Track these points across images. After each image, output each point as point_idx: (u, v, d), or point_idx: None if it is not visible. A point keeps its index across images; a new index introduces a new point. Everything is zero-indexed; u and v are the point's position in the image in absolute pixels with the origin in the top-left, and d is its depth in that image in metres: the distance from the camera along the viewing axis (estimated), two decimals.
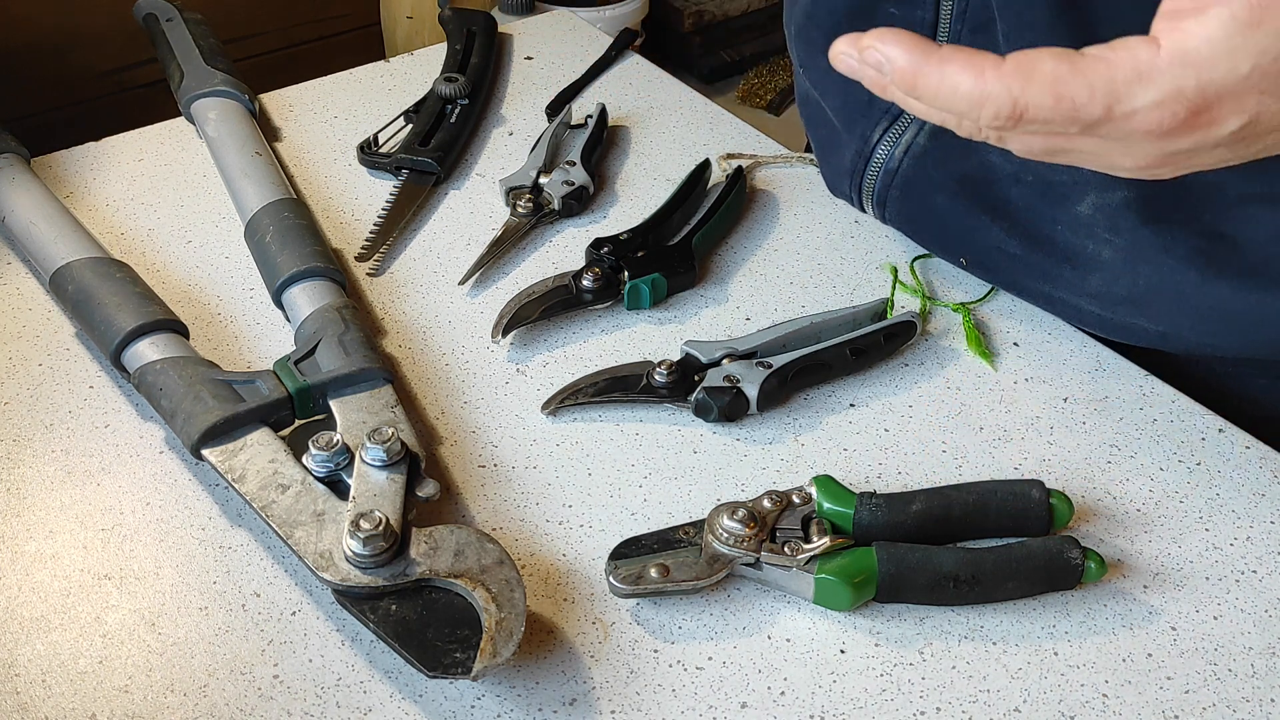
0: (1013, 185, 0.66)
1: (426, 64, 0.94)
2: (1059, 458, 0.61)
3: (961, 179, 0.67)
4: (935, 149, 0.68)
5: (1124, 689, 0.51)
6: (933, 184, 0.69)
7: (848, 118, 0.72)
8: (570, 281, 0.69)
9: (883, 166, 0.70)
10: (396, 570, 0.50)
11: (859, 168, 0.71)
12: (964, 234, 0.69)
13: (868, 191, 0.72)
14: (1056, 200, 0.64)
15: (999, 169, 0.66)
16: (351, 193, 0.80)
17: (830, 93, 0.73)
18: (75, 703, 0.49)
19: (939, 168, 0.68)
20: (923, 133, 0.68)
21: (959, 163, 0.67)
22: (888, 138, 0.69)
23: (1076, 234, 0.64)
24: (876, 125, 0.70)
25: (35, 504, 0.58)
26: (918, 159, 0.69)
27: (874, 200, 0.72)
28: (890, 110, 0.68)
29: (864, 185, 0.72)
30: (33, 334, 0.67)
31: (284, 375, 0.59)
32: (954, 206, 0.68)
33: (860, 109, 0.70)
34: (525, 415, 0.63)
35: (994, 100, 0.40)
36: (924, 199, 0.70)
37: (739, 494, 0.59)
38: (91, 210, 0.77)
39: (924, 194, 0.69)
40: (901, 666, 0.51)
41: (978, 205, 0.67)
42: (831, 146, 0.75)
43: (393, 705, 0.49)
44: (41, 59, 1.14)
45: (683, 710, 0.49)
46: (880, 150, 0.70)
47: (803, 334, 0.66)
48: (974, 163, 0.66)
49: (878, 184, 0.71)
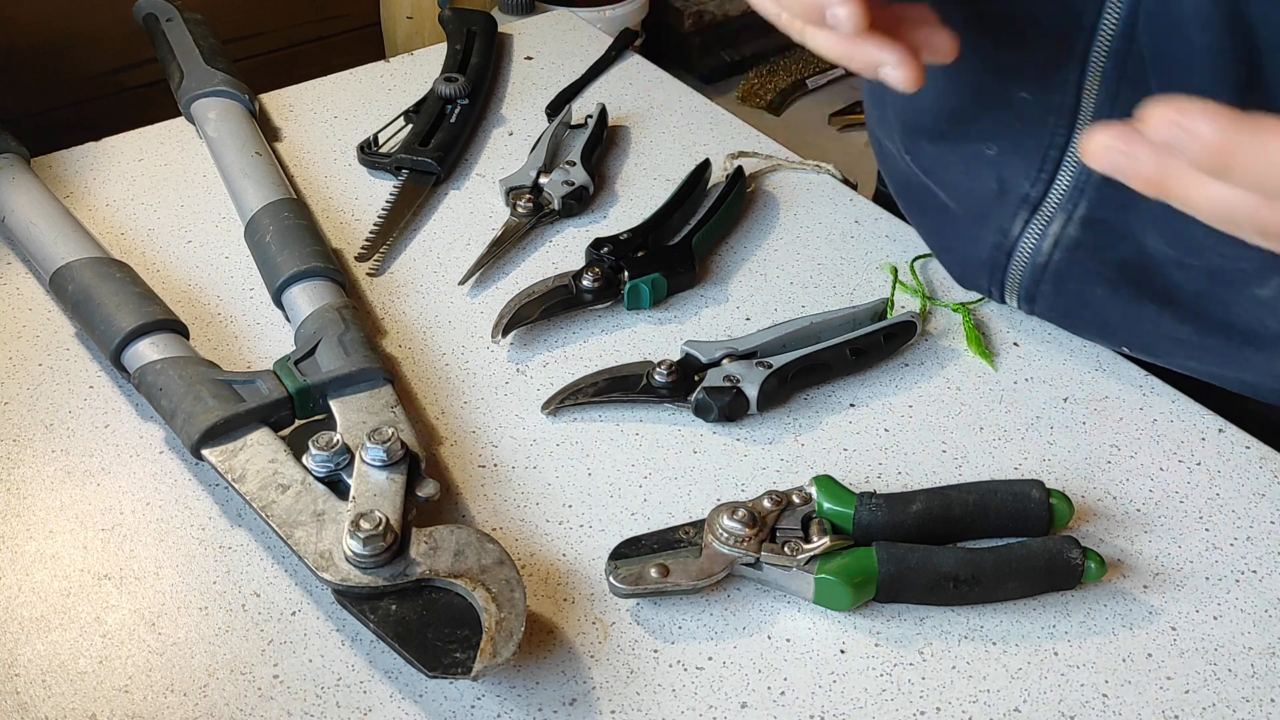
0: (1176, 270, 0.61)
1: (426, 64, 0.94)
2: (1059, 458, 0.61)
3: (1121, 267, 0.62)
4: (1090, 239, 0.62)
5: (1124, 689, 0.51)
6: (1090, 275, 0.63)
7: (977, 209, 0.67)
8: (570, 281, 0.69)
9: (1030, 261, 0.65)
10: (396, 570, 0.50)
11: (1000, 261, 0.66)
12: (1128, 323, 0.64)
13: (1011, 286, 0.67)
14: (1229, 284, 0.59)
15: (1160, 255, 0.60)
16: (351, 193, 0.80)
17: (946, 181, 0.68)
18: (75, 703, 0.49)
19: (1095, 258, 0.62)
20: (1073, 222, 0.62)
21: (1116, 250, 0.62)
22: (1032, 229, 0.64)
23: (1256, 316, 0.59)
24: (1015, 216, 0.64)
25: (35, 504, 0.58)
26: (1071, 251, 0.63)
27: (1020, 294, 0.67)
28: (1029, 199, 0.63)
29: (1007, 280, 0.67)
30: (33, 334, 0.67)
31: (284, 375, 0.59)
32: (1115, 296, 0.63)
33: (990, 199, 0.65)
34: (525, 415, 0.63)
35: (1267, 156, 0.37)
36: (1080, 291, 0.64)
37: (739, 494, 0.59)
38: (91, 210, 0.77)
39: (1080, 286, 0.64)
40: (901, 666, 0.51)
41: (1142, 293, 0.62)
42: (955, 236, 0.70)
43: (393, 705, 0.49)
44: (41, 59, 1.14)
45: (683, 710, 0.49)
46: (1025, 243, 0.64)
47: (803, 334, 0.66)
48: (1131, 249, 0.61)
49: (1025, 278, 0.66)
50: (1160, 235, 0.60)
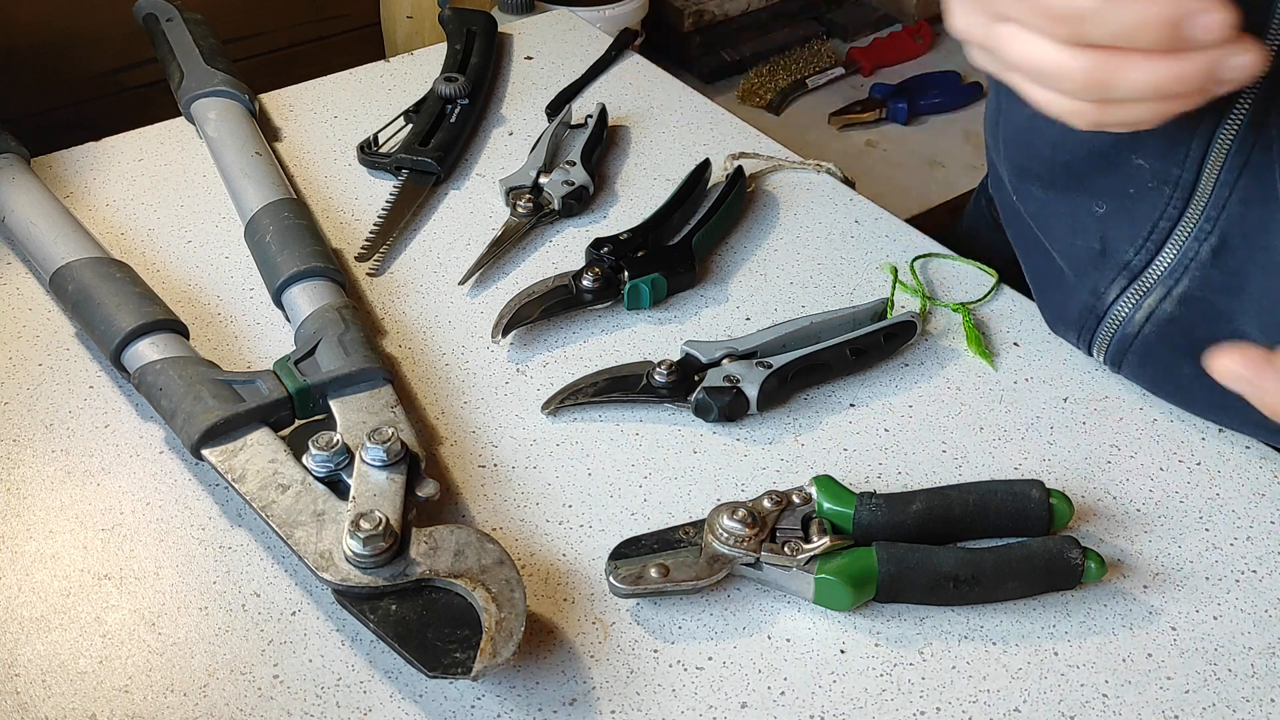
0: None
1: (426, 64, 0.94)
2: (1059, 458, 0.61)
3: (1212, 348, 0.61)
4: (1184, 316, 0.61)
5: (1124, 689, 0.51)
6: (1178, 352, 0.62)
7: (1076, 264, 0.65)
8: (570, 281, 0.69)
9: (1120, 328, 0.63)
10: (396, 570, 0.50)
11: (1089, 323, 0.65)
12: (1215, 402, 0.62)
13: (1100, 346, 0.66)
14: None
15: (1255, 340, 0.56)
16: (351, 193, 0.80)
17: (1051, 229, 0.67)
18: (75, 703, 0.49)
19: (1185, 335, 0.61)
20: (1169, 299, 0.61)
21: (1209, 330, 0.60)
22: (1126, 298, 0.62)
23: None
24: (1112, 281, 0.63)
25: (35, 504, 0.58)
26: (1162, 325, 0.62)
27: (1106, 355, 0.66)
28: (1130, 266, 0.62)
29: (1095, 340, 0.66)
30: (33, 334, 0.67)
31: (284, 375, 0.59)
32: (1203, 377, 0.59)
33: (1091, 258, 0.64)
34: (525, 415, 0.63)
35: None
36: (1167, 366, 0.63)
37: (739, 494, 0.59)
38: (91, 210, 0.77)
39: (1169, 362, 0.63)
40: (901, 666, 0.51)
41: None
42: (1052, 284, 0.68)
43: (393, 705, 0.49)
44: (41, 59, 1.14)
45: (683, 710, 0.49)
46: (1117, 310, 0.63)
47: (803, 334, 0.66)
48: (1226, 332, 0.59)
49: (1111, 344, 0.64)
50: (1257, 323, 0.59)
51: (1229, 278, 0.59)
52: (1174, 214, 0.59)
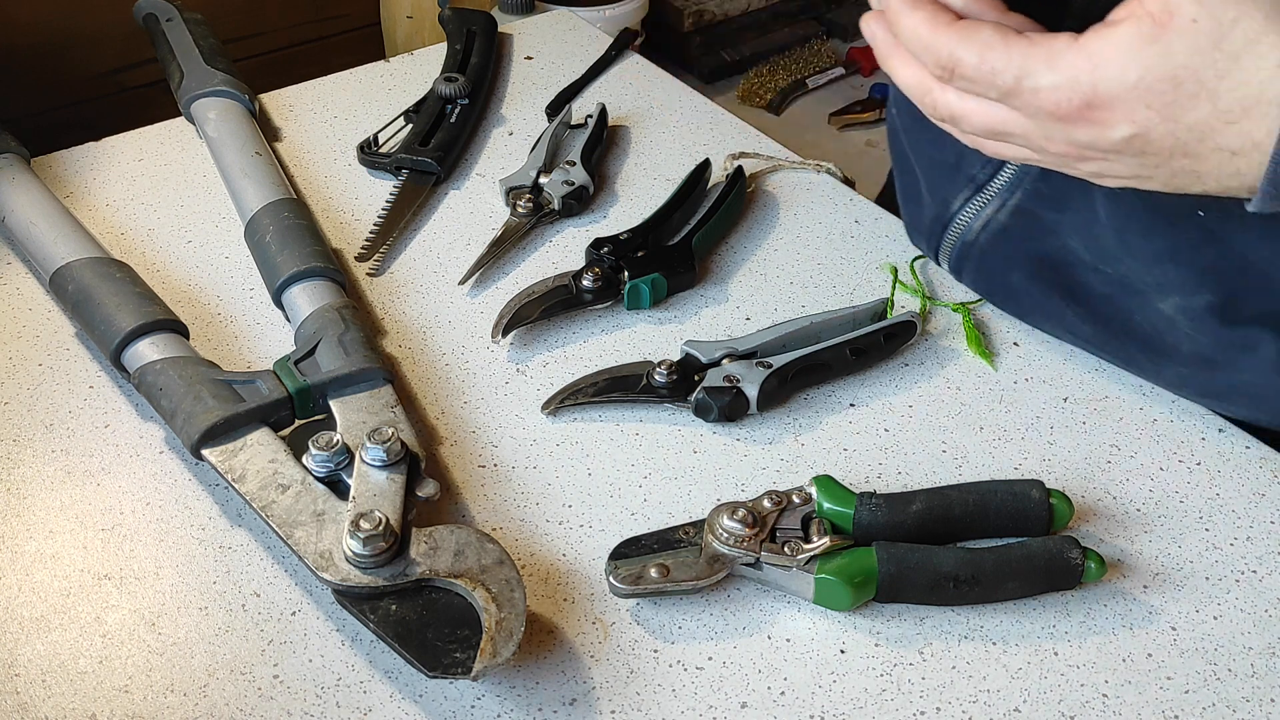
0: (1091, 273, 0.64)
1: (426, 64, 0.94)
2: (1059, 458, 0.61)
3: (1039, 260, 0.65)
4: (1016, 226, 0.66)
5: (1124, 689, 0.51)
6: (1009, 261, 0.67)
7: (931, 175, 0.70)
8: (570, 281, 0.69)
9: (961, 236, 0.68)
10: (396, 570, 0.50)
11: (936, 231, 0.70)
12: (1039, 312, 0.68)
13: (944, 253, 0.71)
14: (1135, 294, 0.62)
15: (1076, 255, 0.64)
16: (351, 193, 0.80)
17: (918, 144, 0.72)
18: (75, 703, 0.49)
19: (1017, 246, 0.66)
20: (1005, 209, 0.66)
21: (1038, 243, 0.65)
22: (969, 208, 0.67)
23: (1156, 328, 0.62)
24: (959, 192, 0.68)
25: (35, 504, 0.58)
26: (996, 235, 0.67)
27: (950, 264, 0.71)
28: (975, 179, 0.67)
29: (941, 247, 0.71)
30: (33, 334, 0.67)
31: (284, 375, 0.59)
32: (1030, 286, 0.67)
33: (946, 172, 0.68)
34: (525, 415, 0.63)
35: (935, 49, 0.48)
36: (999, 274, 0.68)
37: (739, 494, 0.59)
38: (91, 210, 0.77)
39: (1000, 269, 0.68)
40: (901, 666, 0.51)
41: (1053, 287, 0.65)
42: (913, 198, 0.73)
43: (393, 705, 0.49)
44: (41, 59, 1.14)
45: (683, 710, 0.49)
46: (960, 219, 0.68)
47: (803, 334, 0.66)
48: (1053, 245, 0.65)
49: (954, 250, 0.69)
50: (1079, 237, 0.63)
51: (1054, 192, 0.63)
52: None
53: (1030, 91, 0.46)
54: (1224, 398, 0.63)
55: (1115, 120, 0.45)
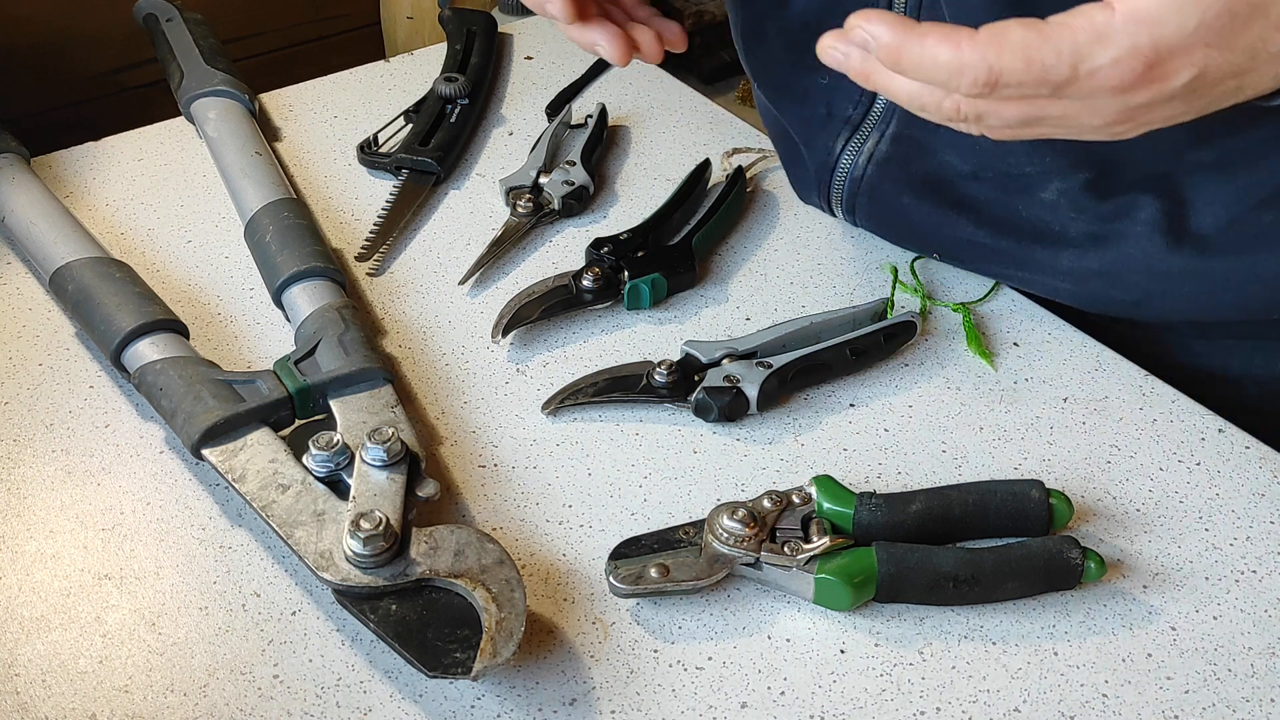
0: (972, 182, 0.67)
1: (426, 64, 0.94)
2: (1059, 458, 0.61)
3: (924, 179, 0.69)
4: (897, 154, 0.69)
5: (1124, 689, 0.51)
6: (897, 187, 0.70)
7: (807, 131, 0.73)
8: (570, 281, 0.69)
9: (848, 174, 0.71)
10: (396, 570, 0.50)
11: (824, 178, 0.72)
12: (933, 230, 0.71)
13: (836, 198, 0.73)
14: (1018, 190, 0.66)
15: (957, 168, 0.67)
16: (351, 193, 0.80)
17: (787, 108, 0.74)
18: (75, 703, 0.49)
19: (902, 171, 0.69)
20: (884, 139, 0.69)
21: (920, 165, 0.68)
22: (850, 147, 0.70)
23: (1043, 217, 0.66)
24: (838, 136, 0.71)
25: (35, 504, 0.58)
26: (881, 165, 0.70)
27: (843, 206, 0.73)
28: (850, 120, 0.70)
29: (831, 193, 0.73)
30: (33, 334, 0.67)
31: (284, 375, 0.59)
32: (920, 206, 0.70)
33: (819, 122, 0.71)
34: (525, 415, 0.63)
35: (971, 68, 0.43)
36: (891, 201, 0.71)
37: (739, 494, 0.59)
38: (91, 210, 0.77)
39: (890, 197, 0.71)
40: (901, 666, 0.51)
41: (943, 202, 0.69)
42: (794, 158, 0.76)
43: (393, 705, 0.49)
44: (41, 59, 1.14)
45: (683, 710, 0.49)
46: (844, 159, 0.71)
47: (803, 334, 0.66)
48: (934, 164, 0.68)
49: (845, 191, 0.72)
50: (956, 150, 0.66)
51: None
52: None
53: (1088, 75, 0.43)
54: (1115, 276, 0.65)
55: (1177, 70, 0.43)
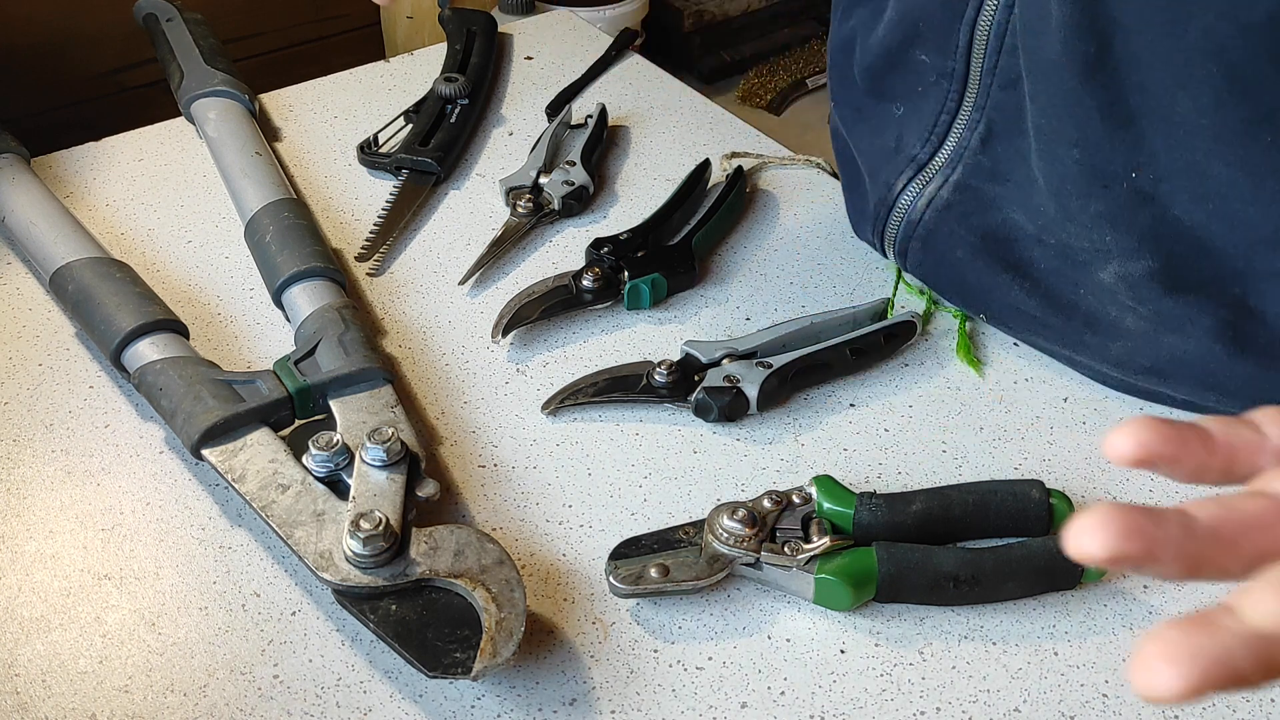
0: (1035, 246, 0.64)
1: (426, 64, 0.94)
2: (1059, 458, 0.61)
3: (984, 235, 0.65)
4: (959, 203, 0.66)
5: (1124, 689, 0.51)
6: (954, 238, 0.66)
7: (872, 162, 0.70)
8: (570, 281, 0.69)
9: (905, 216, 0.68)
10: (396, 570, 0.50)
11: (881, 214, 0.69)
12: (983, 291, 0.67)
13: (890, 239, 0.70)
14: (1078, 265, 0.62)
15: (1022, 228, 0.64)
16: (351, 193, 0.80)
17: (858, 134, 0.72)
18: (75, 703, 0.49)
19: (961, 222, 0.66)
20: (947, 185, 0.66)
21: (982, 218, 0.65)
22: (912, 187, 0.67)
23: (1098, 300, 0.62)
24: (901, 173, 0.67)
25: (35, 504, 0.58)
26: (940, 212, 0.66)
27: (895, 248, 0.70)
28: (916, 159, 0.66)
29: (886, 232, 0.70)
30: (33, 334, 0.67)
31: (284, 375, 0.59)
32: (974, 263, 0.66)
33: (885, 155, 0.69)
34: (525, 415, 0.63)
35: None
36: (945, 252, 0.67)
37: (739, 494, 0.59)
38: (91, 210, 0.77)
39: (945, 248, 0.67)
40: (901, 666, 0.51)
41: (998, 263, 0.65)
42: (855, 188, 0.73)
43: (393, 705, 0.49)
44: (41, 59, 1.14)
45: (683, 710, 0.49)
46: (903, 199, 0.68)
47: (803, 334, 0.66)
48: (997, 220, 0.65)
49: (899, 233, 0.69)
50: (1023, 210, 0.63)
51: (994, 164, 0.63)
52: (953, 106, 0.64)
53: None
54: (1168, 375, 0.62)
55: None
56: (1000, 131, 0.62)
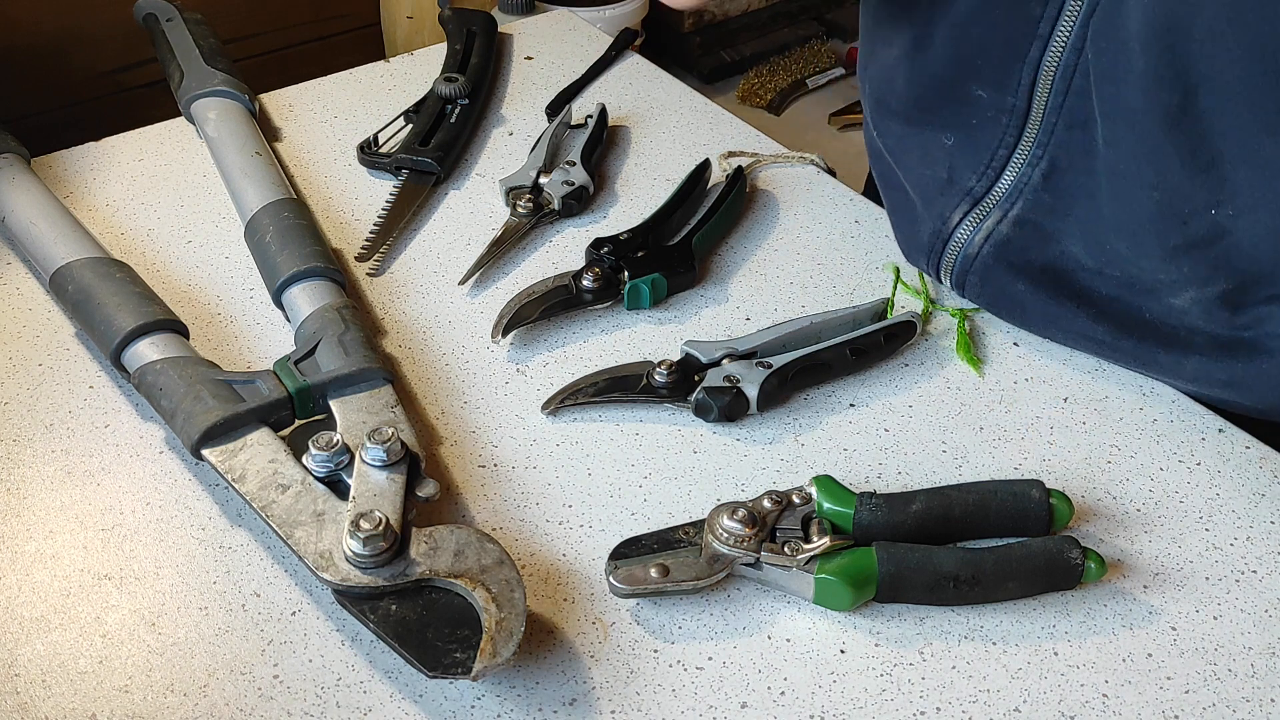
0: (1095, 277, 0.64)
1: (426, 64, 0.94)
2: (1059, 458, 0.61)
3: (1044, 268, 0.65)
4: (1018, 238, 0.65)
5: (1124, 689, 0.51)
6: (1014, 271, 0.66)
7: (925, 193, 0.69)
8: (570, 281, 0.69)
9: (962, 250, 0.67)
10: (396, 570, 0.50)
11: (936, 247, 0.69)
12: (1048, 319, 0.67)
13: (946, 270, 0.70)
14: (1145, 292, 0.62)
15: (1080, 262, 0.64)
16: (351, 193, 0.80)
17: (905, 163, 0.71)
18: (75, 703, 0.49)
19: (1021, 256, 0.66)
20: (1005, 220, 0.65)
21: (1040, 252, 0.65)
22: (968, 221, 0.67)
23: (1169, 322, 0.62)
24: (957, 207, 0.67)
25: (35, 504, 0.58)
26: (999, 246, 0.66)
27: (952, 278, 0.70)
28: (972, 192, 0.66)
29: (942, 264, 0.69)
30: (33, 334, 0.67)
31: (284, 375, 0.59)
32: (1037, 294, 0.66)
33: (939, 186, 0.68)
34: (525, 415, 0.63)
35: None
36: (1005, 285, 0.67)
37: (739, 494, 0.59)
38: (91, 210, 0.77)
39: (1004, 281, 0.67)
40: (901, 666, 0.51)
41: (1061, 294, 0.65)
42: (906, 214, 0.72)
43: (393, 705, 0.49)
44: (41, 59, 1.14)
45: (683, 710, 0.49)
46: (960, 233, 0.67)
47: (803, 334, 0.66)
48: (1055, 252, 0.64)
49: (956, 265, 0.68)
50: (1083, 245, 0.63)
51: (1057, 200, 0.63)
52: (1010, 141, 0.63)
53: None
54: (1246, 385, 0.62)
55: None
56: (1065, 168, 0.62)
